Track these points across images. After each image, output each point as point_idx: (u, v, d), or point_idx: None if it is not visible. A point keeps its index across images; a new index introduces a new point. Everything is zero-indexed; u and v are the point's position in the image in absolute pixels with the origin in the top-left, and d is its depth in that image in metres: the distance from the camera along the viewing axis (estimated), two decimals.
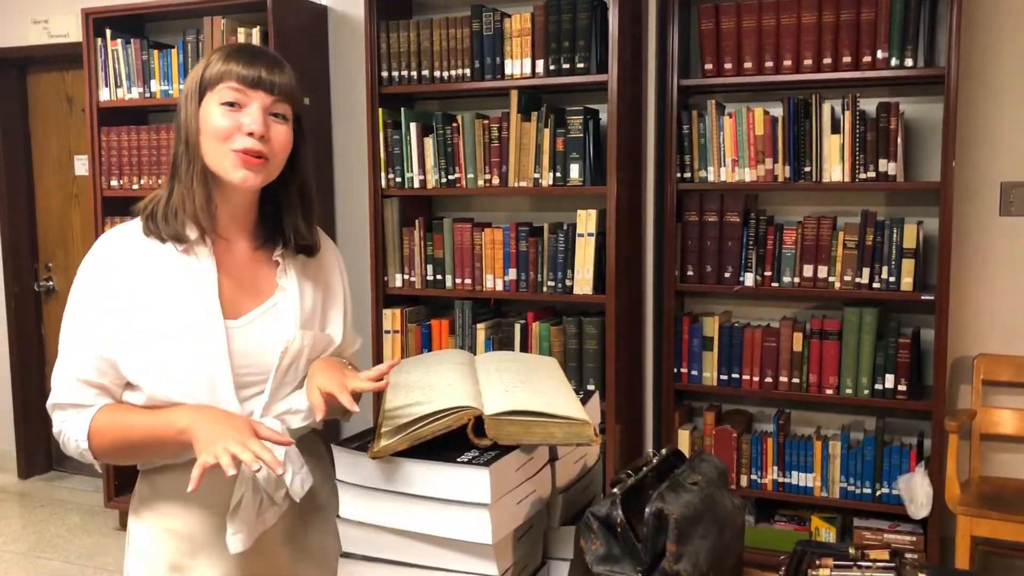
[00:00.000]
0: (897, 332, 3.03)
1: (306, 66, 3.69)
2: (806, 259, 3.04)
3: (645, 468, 1.25)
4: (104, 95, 3.79)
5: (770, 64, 3.02)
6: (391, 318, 3.46)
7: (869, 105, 2.98)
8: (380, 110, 3.38)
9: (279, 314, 1.41)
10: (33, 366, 4.69)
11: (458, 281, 3.38)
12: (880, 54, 2.90)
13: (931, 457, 2.95)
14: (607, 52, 3.08)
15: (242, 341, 1.37)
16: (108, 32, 3.74)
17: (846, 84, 3.05)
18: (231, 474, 1.15)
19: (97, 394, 1.34)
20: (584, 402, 1.33)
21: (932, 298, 2.89)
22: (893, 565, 1.21)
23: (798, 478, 3.13)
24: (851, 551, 1.28)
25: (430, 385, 1.30)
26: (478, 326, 3.34)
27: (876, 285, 2.97)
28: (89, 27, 3.75)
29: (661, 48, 3.22)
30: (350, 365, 1.46)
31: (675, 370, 3.24)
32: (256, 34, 3.50)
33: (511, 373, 1.36)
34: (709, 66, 3.11)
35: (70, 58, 4.23)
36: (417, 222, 3.42)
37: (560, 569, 1.29)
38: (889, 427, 3.14)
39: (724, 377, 3.18)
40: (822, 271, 3.03)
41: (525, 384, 1.31)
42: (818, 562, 1.24)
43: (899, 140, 2.92)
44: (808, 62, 2.97)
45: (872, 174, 2.94)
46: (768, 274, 3.10)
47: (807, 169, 3.01)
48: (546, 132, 3.17)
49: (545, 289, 3.26)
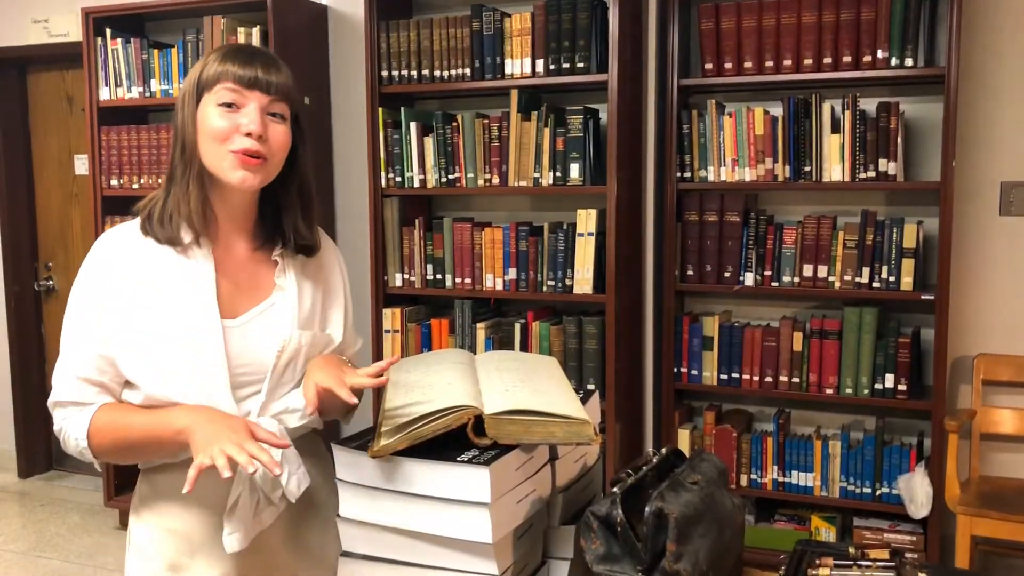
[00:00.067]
0: (897, 332, 3.03)
1: (306, 66, 3.69)
2: (806, 259, 3.04)
3: (645, 467, 1.25)
4: (104, 94, 3.79)
5: (770, 64, 3.02)
6: (391, 317, 3.46)
7: (869, 105, 2.98)
8: (380, 109, 3.38)
9: (277, 314, 1.41)
10: (33, 365, 4.69)
11: (458, 280, 3.38)
12: (880, 54, 2.90)
13: (931, 457, 2.95)
14: (607, 52, 3.08)
15: (239, 341, 1.37)
16: (108, 31, 3.74)
17: (846, 84, 3.05)
18: (227, 476, 1.15)
19: (97, 392, 1.34)
20: (584, 401, 1.34)
21: (932, 298, 2.89)
22: (893, 565, 1.21)
23: (798, 478, 3.14)
24: (851, 551, 1.28)
25: (430, 384, 1.30)
26: (478, 325, 3.34)
27: (876, 285, 2.97)
28: (89, 26, 3.75)
29: (661, 48, 3.22)
30: (349, 363, 1.46)
31: (675, 369, 3.24)
32: (256, 34, 3.50)
33: (511, 372, 1.36)
34: (709, 66, 3.11)
35: (70, 57, 4.23)
36: (417, 222, 3.42)
37: (560, 568, 1.29)
38: (889, 427, 3.14)
39: (724, 376, 3.18)
40: (822, 271, 3.03)
41: (525, 383, 1.31)
42: (818, 561, 1.24)
43: (899, 140, 2.92)
44: (808, 62, 2.97)
45: (872, 174, 2.94)
46: (768, 274, 3.10)
47: (807, 169, 3.01)
48: (546, 132, 3.17)
49: (545, 289, 3.26)
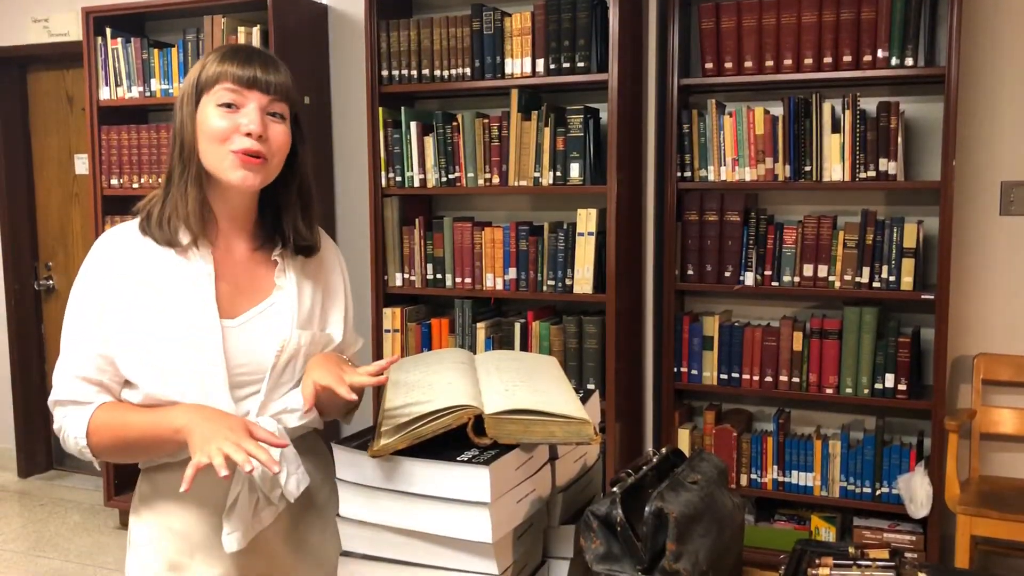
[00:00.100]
0: (897, 331, 3.03)
1: (306, 65, 3.69)
2: (806, 258, 3.04)
3: (645, 467, 1.25)
4: (104, 94, 3.79)
5: (770, 63, 3.02)
6: (391, 317, 3.46)
7: (869, 104, 2.98)
8: (380, 109, 3.38)
9: (277, 314, 1.41)
10: (33, 365, 4.69)
11: (458, 280, 3.38)
12: (880, 53, 2.90)
13: (931, 456, 2.95)
14: (607, 51, 3.08)
15: (238, 341, 1.37)
16: (108, 31, 3.74)
17: (846, 83, 3.05)
18: (223, 475, 1.15)
19: (97, 391, 1.34)
20: (584, 401, 1.34)
21: (932, 297, 2.89)
22: (893, 564, 1.21)
23: (798, 477, 3.14)
24: (851, 550, 1.28)
25: (430, 384, 1.30)
26: (478, 325, 3.34)
27: (876, 284, 2.97)
28: (89, 26, 3.75)
29: (661, 47, 3.22)
30: (349, 362, 1.46)
31: (675, 369, 3.24)
32: (256, 33, 3.50)
33: (511, 372, 1.36)
34: (709, 65, 3.11)
35: (70, 57, 4.23)
36: (417, 221, 3.42)
37: (560, 568, 1.29)
38: (889, 426, 3.14)
39: (724, 376, 3.18)
40: (822, 270, 3.03)
41: (525, 383, 1.31)
42: (818, 561, 1.24)
43: (899, 139, 2.92)
44: (808, 61, 2.97)
45: (872, 173, 2.94)
46: (768, 273, 3.10)
47: (807, 168, 3.01)
48: (546, 131, 3.17)
49: (545, 288, 3.26)
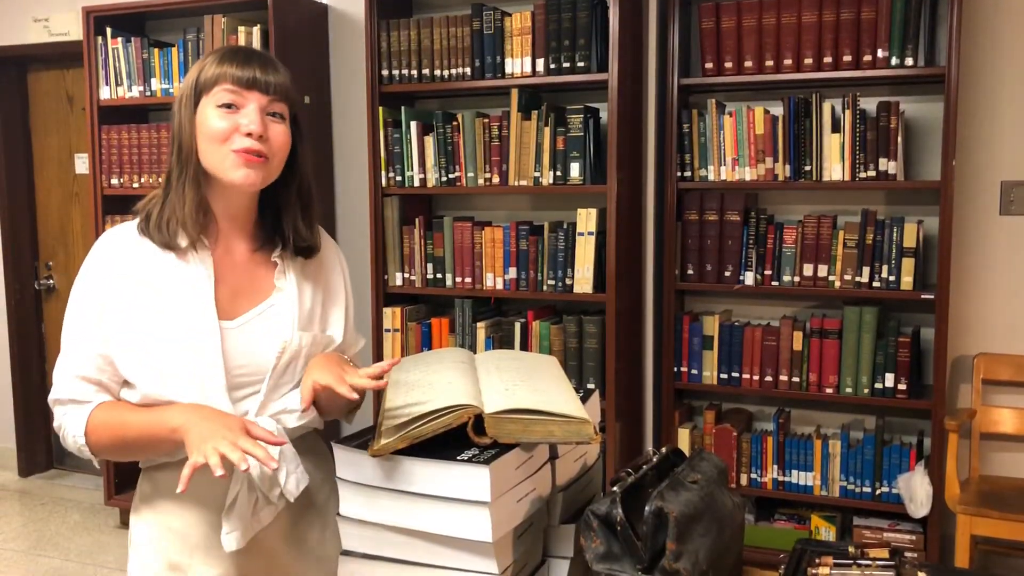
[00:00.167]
0: (897, 331, 3.03)
1: (306, 65, 3.69)
2: (806, 258, 3.04)
3: (645, 467, 1.25)
4: (104, 93, 3.79)
5: (770, 63, 3.02)
6: (391, 316, 3.46)
7: (869, 104, 2.98)
8: (380, 109, 3.38)
9: (276, 315, 1.41)
10: (33, 364, 4.69)
11: (458, 280, 3.38)
12: (880, 53, 2.90)
13: (931, 456, 2.95)
14: (607, 51, 3.08)
15: (238, 342, 1.37)
16: (109, 30, 3.74)
17: (846, 83, 3.05)
18: (219, 475, 1.15)
19: (96, 391, 1.34)
20: (584, 400, 1.34)
21: (932, 297, 2.89)
22: (893, 564, 1.21)
23: (798, 477, 3.14)
24: (851, 550, 1.28)
25: (430, 384, 1.30)
26: (478, 325, 3.34)
27: (876, 284, 2.97)
28: (90, 25, 3.75)
29: (661, 47, 3.22)
30: (351, 363, 1.46)
31: (675, 369, 3.24)
32: (257, 33, 3.50)
33: (511, 371, 1.36)
34: (709, 65, 3.11)
35: (71, 56, 4.23)
36: (417, 221, 3.42)
37: (560, 567, 1.29)
38: (889, 426, 3.14)
39: (724, 376, 3.19)
40: (822, 270, 3.03)
41: (525, 382, 1.31)
42: (818, 561, 1.24)
43: (899, 139, 2.92)
44: (808, 61, 2.97)
45: (872, 173, 2.94)
46: (768, 273, 3.10)
47: (807, 168, 3.01)
48: (546, 131, 3.17)
49: (545, 288, 3.26)
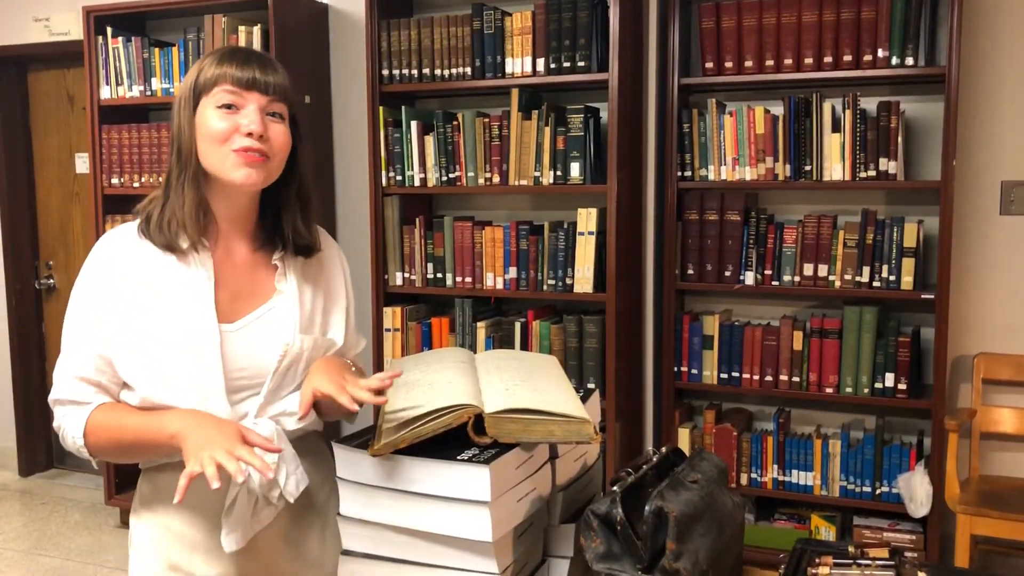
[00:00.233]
0: (897, 331, 3.03)
1: (307, 64, 3.69)
2: (806, 258, 3.04)
3: (645, 466, 1.25)
4: (105, 93, 3.79)
5: (771, 63, 3.02)
6: (392, 316, 3.46)
7: (870, 104, 2.98)
8: (381, 108, 3.38)
9: (277, 318, 1.41)
10: (34, 364, 4.69)
11: (458, 279, 3.38)
12: (881, 53, 2.90)
13: (931, 456, 2.95)
14: (608, 50, 3.08)
15: (237, 345, 1.36)
16: (109, 30, 3.74)
17: (847, 83, 3.05)
18: (215, 487, 1.15)
19: (96, 392, 1.34)
20: (584, 400, 1.34)
21: (932, 297, 2.89)
22: (893, 563, 1.21)
23: (798, 476, 3.14)
24: (851, 549, 1.28)
25: (430, 383, 1.30)
26: (478, 324, 3.34)
27: (876, 284, 2.97)
28: (90, 25, 3.75)
29: (662, 46, 3.22)
30: (354, 367, 1.46)
31: (675, 368, 3.24)
32: (257, 32, 3.50)
33: (511, 371, 1.36)
34: (710, 64, 3.11)
35: (71, 56, 4.23)
36: (418, 220, 3.42)
37: (560, 567, 1.29)
38: (889, 426, 3.14)
39: (724, 376, 3.19)
40: (822, 270, 3.03)
41: (525, 382, 1.31)
42: (818, 560, 1.25)
43: (899, 139, 2.92)
44: (809, 61, 2.97)
45: (872, 173, 2.94)
46: (768, 273, 3.10)
47: (807, 168, 3.01)
48: (547, 130, 3.17)
49: (545, 287, 3.26)
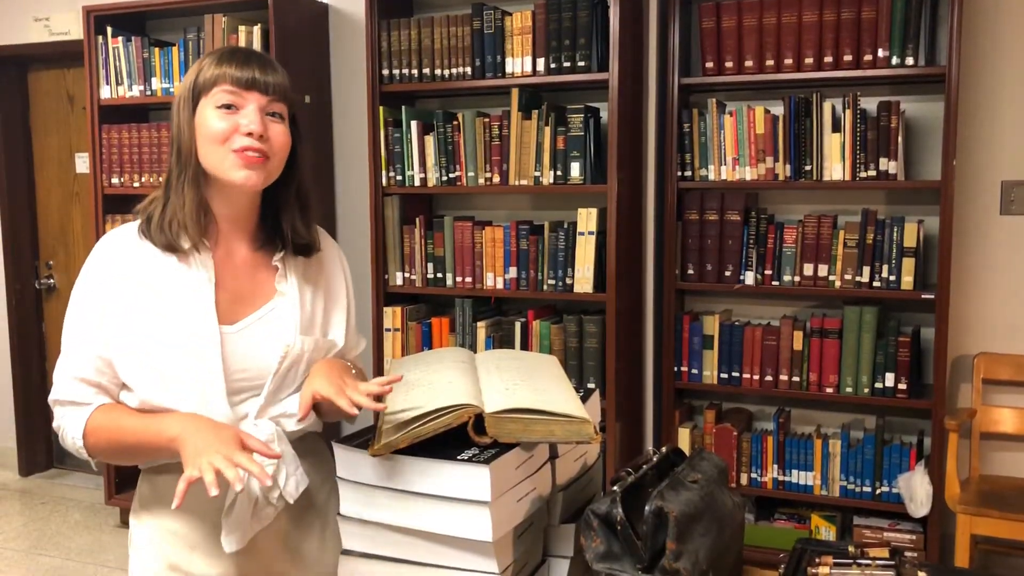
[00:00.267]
0: (897, 331, 3.03)
1: (307, 64, 3.69)
2: (806, 258, 3.04)
3: (645, 466, 1.25)
4: (105, 93, 3.79)
5: (771, 63, 3.02)
6: (392, 316, 3.46)
7: (870, 104, 2.98)
8: (381, 108, 3.38)
9: (278, 319, 1.41)
10: (34, 363, 4.69)
11: (459, 279, 3.38)
12: (881, 53, 2.90)
13: (931, 456, 2.95)
14: (608, 50, 3.08)
15: (238, 347, 1.36)
16: (109, 30, 3.74)
17: (847, 83, 3.05)
18: (213, 494, 1.14)
19: (96, 393, 1.34)
20: (584, 400, 1.34)
21: (932, 297, 2.89)
22: (893, 563, 1.21)
23: (798, 476, 3.14)
24: (851, 549, 1.28)
25: (430, 383, 1.30)
26: (478, 324, 3.34)
27: (876, 284, 2.97)
28: (90, 25, 3.75)
29: (662, 46, 3.22)
30: (354, 369, 1.46)
31: (675, 368, 3.24)
32: (257, 32, 3.50)
33: (511, 371, 1.36)
34: (710, 64, 3.11)
35: (71, 56, 4.23)
36: (418, 220, 3.42)
37: (560, 567, 1.29)
38: (889, 425, 3.14)
39: (724, 375, 3.19)
40: (822, 270, 3.03)
41: (525, 382, 1.31)
42: (818, 560, 1.25)
43: (900, 139, 2.92)
44: (809, 61, 2.97)
45: (873, 173, 2.94)
46: (768, 273, 3.10)
47: (808, 168, 3.01)
48: (547, 130, 3.17)
49: (545, 287, 3.26)
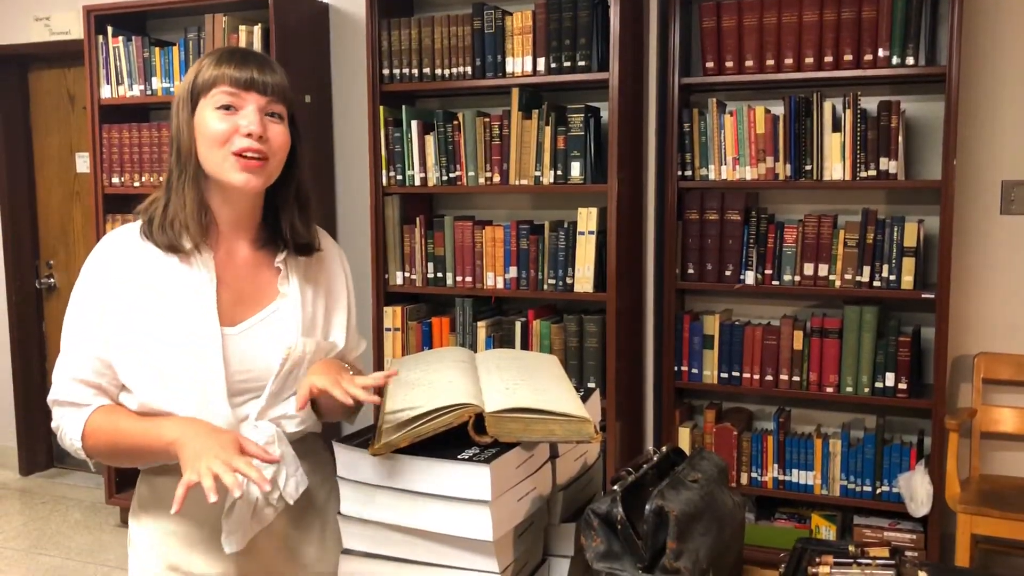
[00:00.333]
0: (897, 330, 3.03)
1: (307, 64, 3.69)
2: (807, 257, 3.04)
3: (645, 465, 1.25)
4: (105, 92, 3.79)
5: (771, 62, 3.02)
6: (392, 316, 3.46)
7: (870, 103, 2.98)
8: (381, 108, 3.38)
9: (279, 321, 1.41)
10: (34, 363, 4.69)
11: (459, 279, 3.38)
12: (881, 52, 2.90)
13: (931, 455, 2.95)
14: (608, 50, 3.08)
15: (239, 348, 1.36)
16: (110, 29, 3.74)
17: (847, 82, 3.05)
18: (212, 500, 1.14)
19: (95, 394, 1.34)
20: (584, 399, 1.34)
21: (932, 296, 2.89)
22: (893, 563, 1.21)
23: (798, 476, 3.14)
24: (851, 549, 1.28)
25: (431, 383, 1.30)
26: (479, 324, 3.34)
27: (876, 283, 2.97)
28: (91, 24, 3.75)
29: (662, 46, 3.22)
30: (352, 371, 1.46)
31: (675, 368, 3.24)
32: (258, 32, 3.50)
33: (511, 371, 1.36)
34: (710, 64, 3.11)
35: (72, 55, 4.23)
36: (418, 220, 3.42)
37: (561, 566, 1.29)
38: (889, 425, 3.14)
39: (724, 375, 3.19)
40: (823, 269, 3.03)
41: (525, 381, 1.31)
42: (818, 560, 1.25)
43: (900, 138, 2.92)
44: (809, 60, 2.97)
45: (873, 172, 2.94)
46: (769, 272, 3.10)
47: (808, 167, 3.01)
48: (547, 130, 3.17)
49: (546, 287, 3.26)
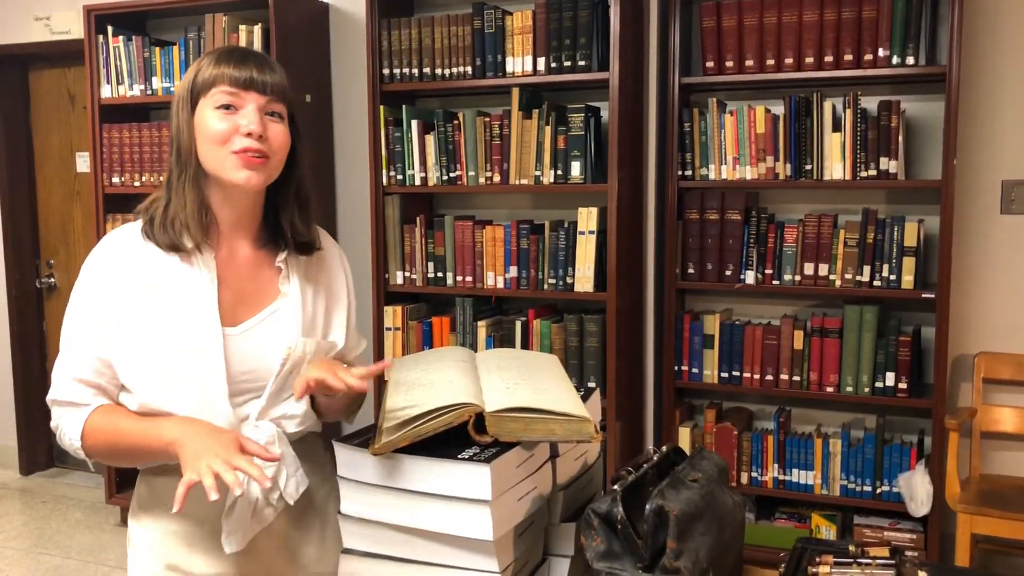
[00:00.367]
0: (898, 330, 3.03)
1: (307, 63, 3.69)
2: (807, 257, 3.04)
3: (646, 465, 1.26)
4: (106, 92, 3.79)
5: (771, 62, 3.02)
6: (392, 315, 3.46)
7: (870, 103, 2.98)
8: (381, 107, 3.38)
9: (280, 321, 1.41)
10: (35, 362, 4.69)
11: (459, 278, 3.38)
12: (881, 52, 2.90)
13: (931, 455, 2.95)
14: (608, 50, 3.08)
15: (240, 348, 1.36)
16: (110, 29, 3.74)
17: (847, 82, 3.05)
18: (213, 499, 1.14)
19: (94, 394, 1.34)
20: (585, 399, 1.34)
21: (933, 296, 2.89)
22: (893, 563, 1.21)
23: (798, 476, 3.14)
24: (851, 548, 1.28)
25: (431, 382, 1.30)
26: (479, 323, 3.34)
27: (877, 283, 2.97)
28: (91, 24, 3.75)
29: (663, 46, 3.22)
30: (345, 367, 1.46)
31: (676, 367, 3.24)
32: (258, 31, 3.50)
33: (512, 370, 1.36)
34: (710, 64, 3.11)
35: (72, 55, 4.23)
36: (418, 219, 3.42)
37: (561, 565, 1.29)
38: (889, 425, 3.14)
39: (725, 375, 3.19)
40: (823, 269, 3.03)
41: (526, 381, 1.31)
42: (818, 559, 1.25)
43: (900, 138, 2.92)
44: (809, 60, 2.97)
45: (873, 172, 2.94)
46: (769, 272, 3.10)
47: (808, 167, 3.01)
48: (547, 130, 3.17)
49: (546, 287, 3.26)
